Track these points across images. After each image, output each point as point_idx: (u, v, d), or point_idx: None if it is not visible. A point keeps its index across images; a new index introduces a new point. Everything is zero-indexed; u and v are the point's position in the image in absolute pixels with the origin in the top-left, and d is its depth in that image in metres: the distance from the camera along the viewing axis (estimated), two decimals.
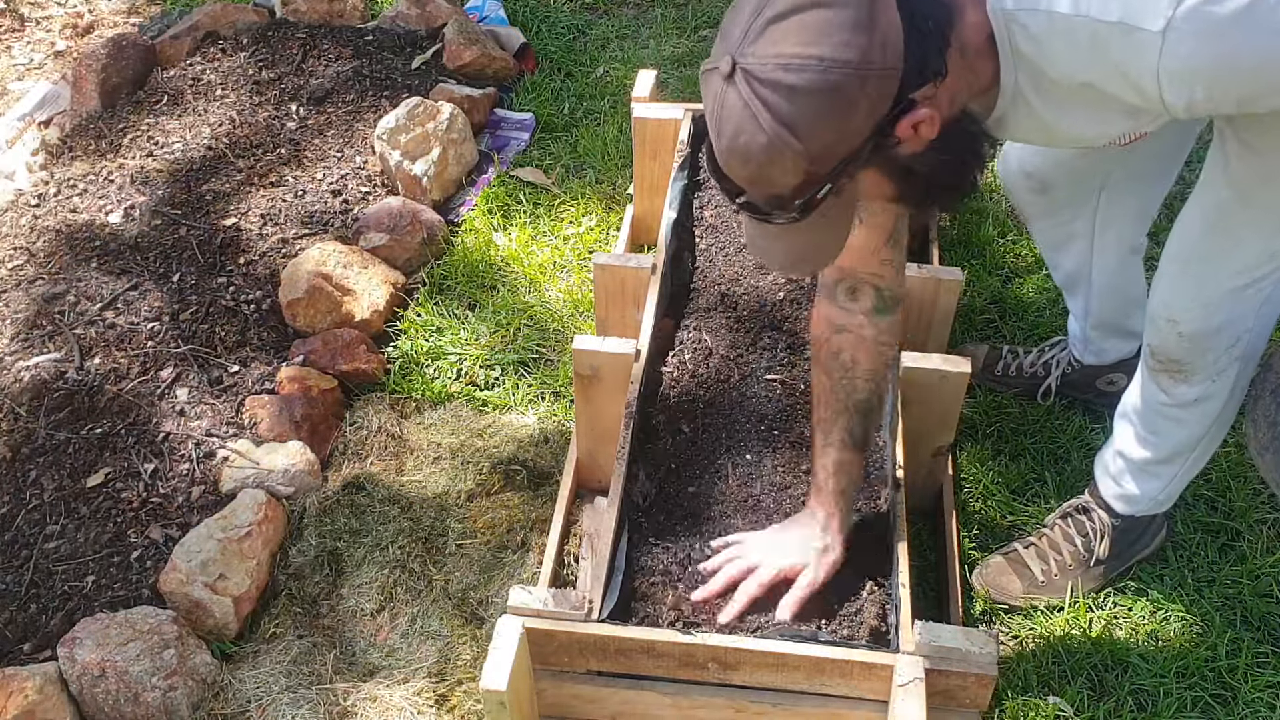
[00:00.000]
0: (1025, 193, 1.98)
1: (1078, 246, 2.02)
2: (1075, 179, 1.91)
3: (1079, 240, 2.01)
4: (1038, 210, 2.01)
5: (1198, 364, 1.63)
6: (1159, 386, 1.70)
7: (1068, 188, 1.92)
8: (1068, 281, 2.12)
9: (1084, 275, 2.07)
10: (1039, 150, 1.91)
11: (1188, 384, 1.66)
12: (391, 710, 1.86)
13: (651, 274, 2.08)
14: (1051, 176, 1.92)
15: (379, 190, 2.86)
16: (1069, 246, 2.04)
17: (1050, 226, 2.03)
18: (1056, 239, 2.05)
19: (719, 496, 1.78)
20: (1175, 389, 1.68)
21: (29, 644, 1.94)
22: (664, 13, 3.61)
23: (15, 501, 2.13)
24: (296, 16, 3.45)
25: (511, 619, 1.54)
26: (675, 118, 2.45)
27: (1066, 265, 2.08)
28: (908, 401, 1.88)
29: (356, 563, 2.09)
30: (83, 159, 2.95)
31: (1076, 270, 2.07)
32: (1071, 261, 2.07)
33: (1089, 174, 1.89)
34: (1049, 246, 2.09)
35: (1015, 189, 2.00)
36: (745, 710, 1.57)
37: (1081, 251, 2.03)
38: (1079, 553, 1.96)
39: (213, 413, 2.29)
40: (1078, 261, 2.05)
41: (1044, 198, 1.96)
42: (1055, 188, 1.93)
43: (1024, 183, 1.96)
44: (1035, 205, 2.00)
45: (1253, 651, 1.89)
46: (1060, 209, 1.97)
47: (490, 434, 2.32)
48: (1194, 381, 1.66)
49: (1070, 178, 1.91)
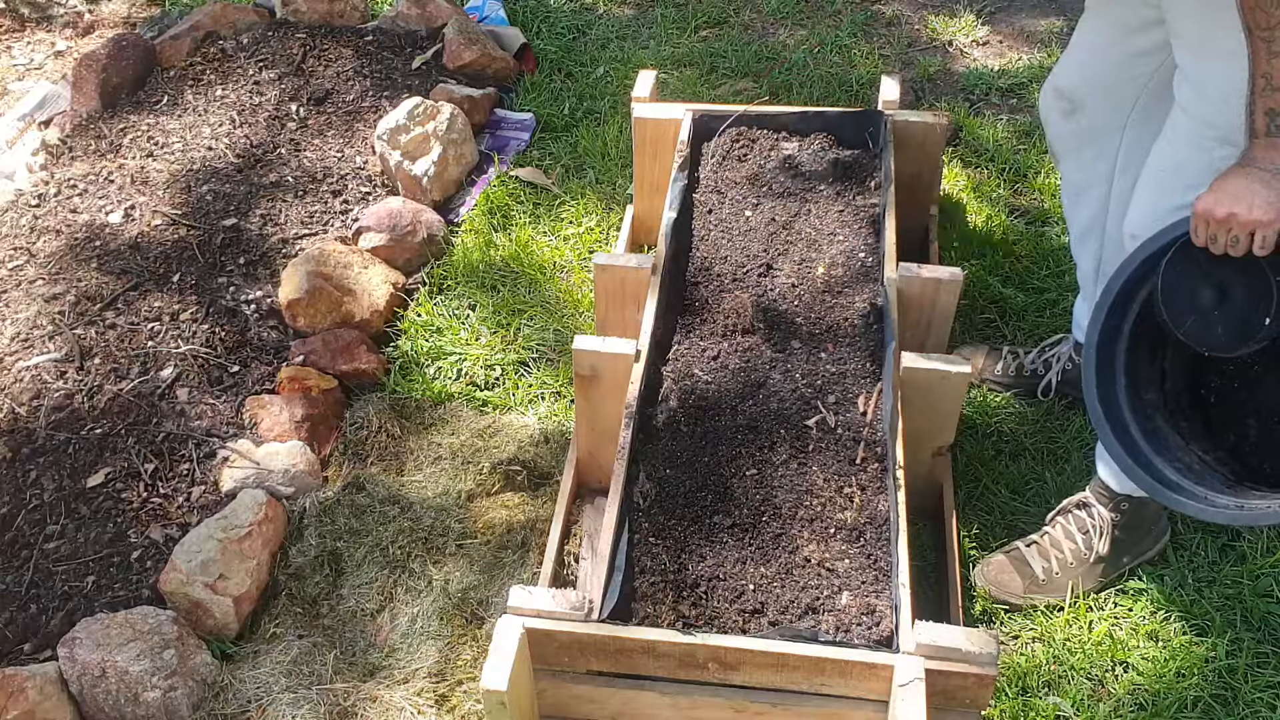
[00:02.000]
0: (1058, 116, 2.04)
1: (1097, 192, 2.07)
2: (1104, 101, 1.96)
3: (1099, 185, 2.06)
4: (1067, 142, 2.06)
5: None
6: None
7: (1096, 112, 1.98)
8: (1083, 235, 2.15)
9: (1098, 225, 2.10)
10: (1070, 66, 1.99)
11: None
12: (391, 710, 1.86)
13: (651, 274, 2.08)
14: (1081, 94, 1.98)
15: (379, 190, 2.86)
16: (1089, 193, 2.08)
17: (1076, 167, 2.08)
18: (1080, 183, 2.09)
19: (719, 496, 1.78)
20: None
21: (29, 644, 1.94)
22: (664, 13, 3.61)
23: (15, 501, 2.13)
24: (296, 16, 3.45)
25: (512, 619, 1.54)
26: (675, 118, 2.45)
27: (1083, 215, 2.12)
28: (908, 401, 1.89)
29: (356, 563, 2.09)
30: (83, 159, 2.95)
31: (1092, 220, 2.11)
32: (1088, 210, 2.10)
33: (1116, 99, 1.94)
34: (1072, 192, 2.13)
35: (1048, 114, 2.07)
36: (745, 710, 1.57)
37: (1099, 198, 2.07)
38: (1080, 550, 1.97)
39: (213, 413, 2.29)
40: (1094, 210, 2.09)
41: (1073, 122, 2.01)
42: (1084, 109, 1.99)
43: (1056, 104, 2.03)
44: (1065, 134, 2.05)
45: (1253, 651, 1.89)
46: (1086, 141, 2.02)
47: (490, 434, 2.32)
48: None
49: (1098, 99, 1.96)
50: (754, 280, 2.14)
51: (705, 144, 2.45)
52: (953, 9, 3.58)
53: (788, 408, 1.89)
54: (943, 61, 3.37)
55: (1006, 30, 3.51)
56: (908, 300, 2.04)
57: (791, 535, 1.71)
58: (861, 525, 1.72)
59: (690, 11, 3.62)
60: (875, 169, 2.32)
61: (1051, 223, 2.74)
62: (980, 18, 3.54)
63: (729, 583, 1.65)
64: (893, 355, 1.89)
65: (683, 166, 2.31)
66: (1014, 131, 3.05)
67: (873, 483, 1.78)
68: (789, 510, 1.74)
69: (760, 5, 3.64)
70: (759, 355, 1.99)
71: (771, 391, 1.92)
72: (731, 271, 2.16)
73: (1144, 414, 1.71)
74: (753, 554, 1.69)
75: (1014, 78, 3.25)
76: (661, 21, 3.57)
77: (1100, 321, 1.68)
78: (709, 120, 2.46)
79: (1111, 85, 1.93)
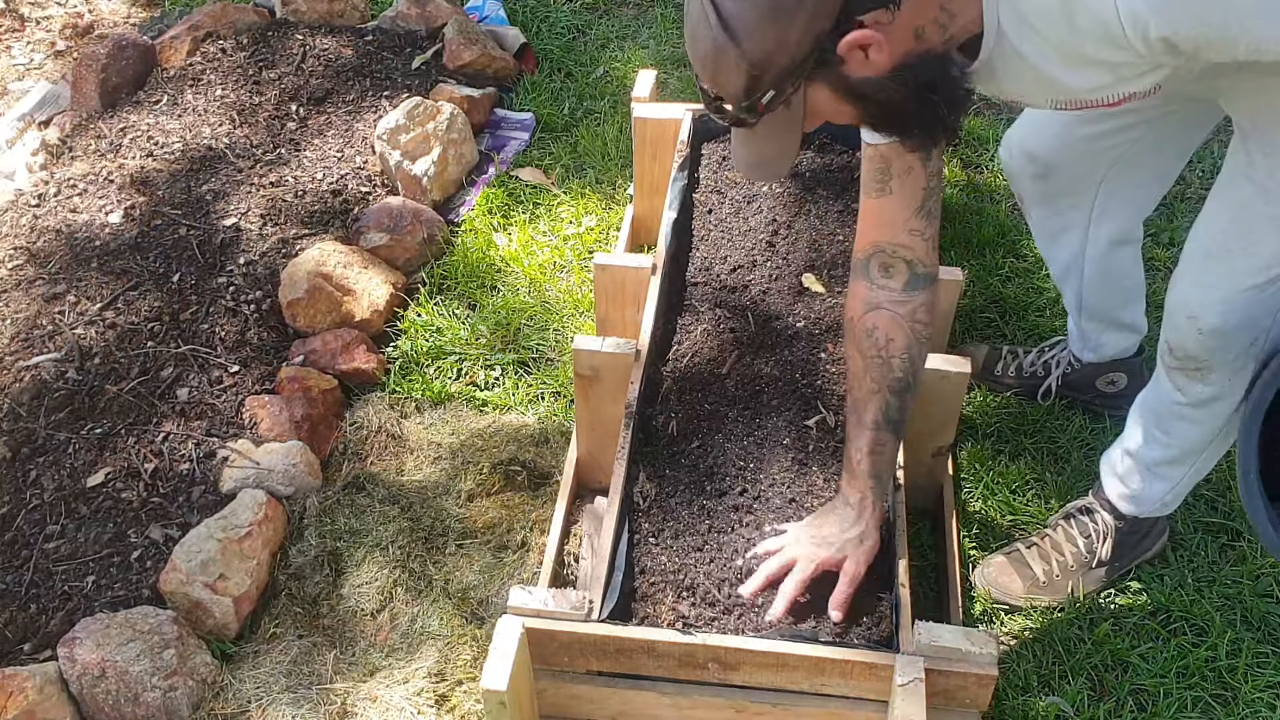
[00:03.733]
0: (1027, 178, 1.98)
1: (1072, 238, 2.03)
2: (1077, 167, 1.90)
3: (1074, 231, 2.01)
4: (1036, 197, 2.01)
5: (1215, 362, 1.63)
6: (1174, 385, 1.70)
7: (1069, 176, 1.92)
8: (1062, 274, 2.12)
9: (1076, 265, 2.07)
10: (1043, 131, 1.91)
11: (1203, 382, 1.66)
12: (391, 710, 1.86)
13: (651, 274, 2.08)
14: (1054, 161, 1.91)
15: (379, 190, 2.86)
16: (1063, 238, 2.04)
17: (1047, 215, 2.03)
18: (1052, 229, 2.05)
19: (719, 496, 1.78)
20: (1191, 387, 1.68)
21: (29, 644, 1.94)
22: (664, 13, 3.61)
23: (15, 501, 2.13)
24: (296, 16, 3.45)
25: (511, 619, 1.54)
26: (675, 118, 2.45)
27: (1061, 257, 2.09)
28: None
29: (356, 563, 2.09)
30: (83, 159, 2.95)
31: (1071, 260, 2.07)
32: (1065, 253, 2.07)
33: (1091, 164, 1.89)
34: (1045, 237, 2.09)
35: (1017, 174, 2.00)
36: (745, 710, 1.57)
37: (1075, 243, 2.03)
38: (1081, 554, 1.97)
39: (213, 413, 2.29)
40: (1071, 253, 2.05)
41: (1045, 184, 1.96)
42: (1057, 174, 1.93)
43: (1026, 167, 1.96)
44: (1035, 192, 2.00)
45: (1253, 651, 1.89)
46: (1059, 197, 1.97)
47: (490, 434, 2.32)
48: (1210, 380, 1.65)
49: (1072, 165, 1.90)
50: (754, 280, 2.14)
51: (705, 144, 2.46)
52: None
53: (788, 408, 1.89)
54: None
55: None
56: None
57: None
58: None
59: None
60: None
61: None
62: None
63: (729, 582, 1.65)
64: None
65: (683, 166, 2.31)
66: None
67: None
68: (790, 510, 1.74)
69: None
70: (758, 355, 1.99)
71: (771, 392, 1.92)
72: (731, 271, 2.16)
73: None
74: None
75: None
76: (661, 21, 3.57)
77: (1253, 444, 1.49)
78: (709, 120, 2.46)
79: (1089, 153, 1.86)
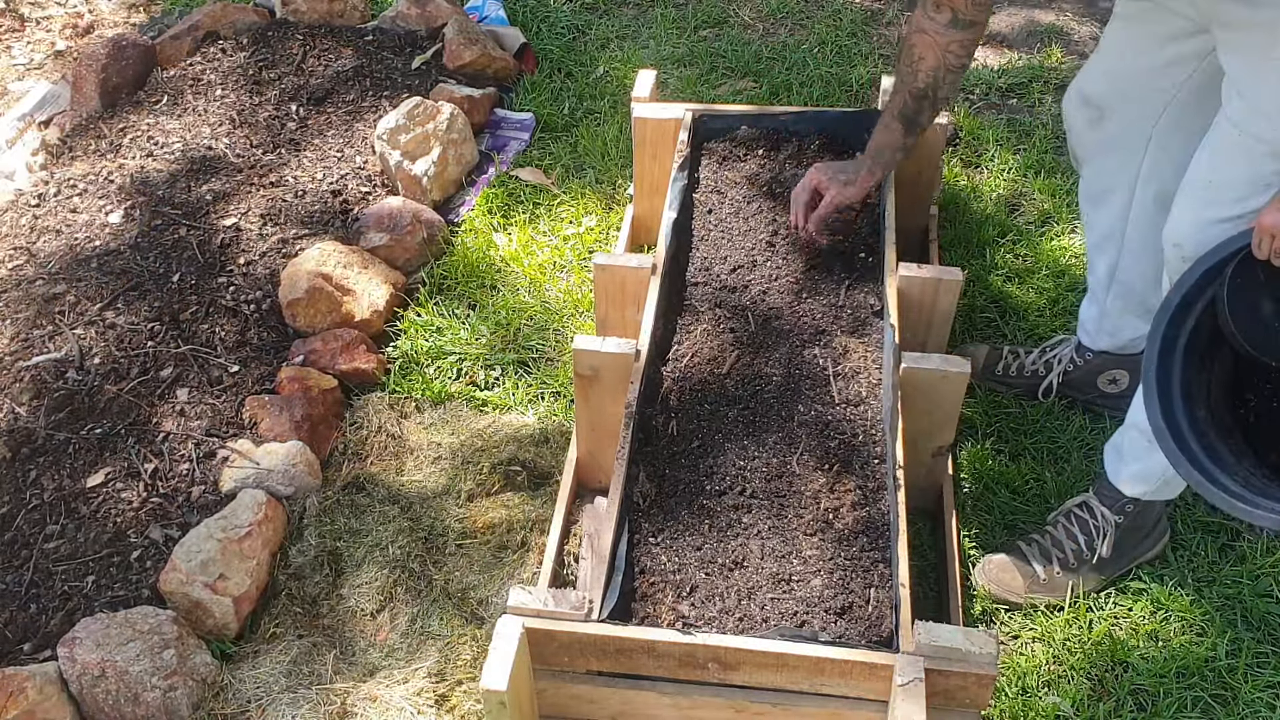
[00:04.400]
0: (1083, 123, 2.02)
1: (1118, 199, 2.05)
2: (1130, 111, 1.94)
3: (1120, 192, 2.04)
4: (1090, 149, 2.04)
5: None
6: None
7: (1122, 122, 1.96)
8: (1100, 241, 2.13)
9: (1117, 232, 2.08)
10: (1100, 75, 1.97)
11: None
12: (391, 710, 1.86)
13: (651, 274, 2.08)
14: (1109, 104, 1.96)
15: (379, 190, 2.86)
16: (1109, 199, 2.06)
17: (1097, 173, 2.06)
18: (1099, 188, 2.07)
19: (719, 496, 1.78)
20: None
21: (29, 644, 1.94)
22: (664, 13, 3.61)
23: (15, 501, 2.13)
24: (296, 16, 3.45)
25: (511, 619, 1.54)
26: (675, 118, 2.45)
27: (1103, 222, 2.10)
28: (908, 401, 1.88)
29: (356, 563, 2.09)
30: (83, 159, 2.95)
31: (1110, 227, 2.09)
32: (1108, 218, 2.08)
33: (1142, 109, 1.93)
34: (1090, 198, 2.11)
35: (1073, 120, 2.05)
36: (745, 710, 1.57)
37: (1120, 205, 2.05)
38: (1081, 551, 1.97)
39: (213, 413, 2.29)
40: (1114, 217, 2.07)
41: (1099, 131, 2.00)
42: (1111, 117, 1.97)
43: (1082, 112, 2.01)
44: (1089, 141, 2.03)
45: (1253, 651, 1.89)
46: (1111, 149, 2.01)
47: (490, 434, 2.32)
48: None
49: (1126, 109, 1.95)
50: (754, 280, 2.14)
51: (705, 144, 2.46)
52: None
53: (787, 408, 1.89)
54: None
55: (1006, 30, 3.51)
56: (908, 300, 2.04)
57: (792, 534, 1.71)
58: (861, 525, 1.72)
59: (690, 11, 3.62)
60: None
61: (1051, 222, 2.74)
62: None
63: (730, 582, 1.65)
64: (892, 355, 1.89)
65: (683, 166, 2.31)
66: (1014, 131, 3.05)
67: (872, 482, 1.78)
68: (789, 510, 1.74)
69: (760, 5, 3.64)
70: (758, 355, 1.99)
71: (771, 391, 1.92)
72: (731, 271, 2.16)
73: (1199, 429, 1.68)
74: (753, 553, 1.69)
75: (1014, 77, 3.25)
76: (661, 21, 3.57)
77: (1160, 334, 1.66)
78: (709, 120, 2.46)
79: (1140, 94, 1.91)
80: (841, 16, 3.55)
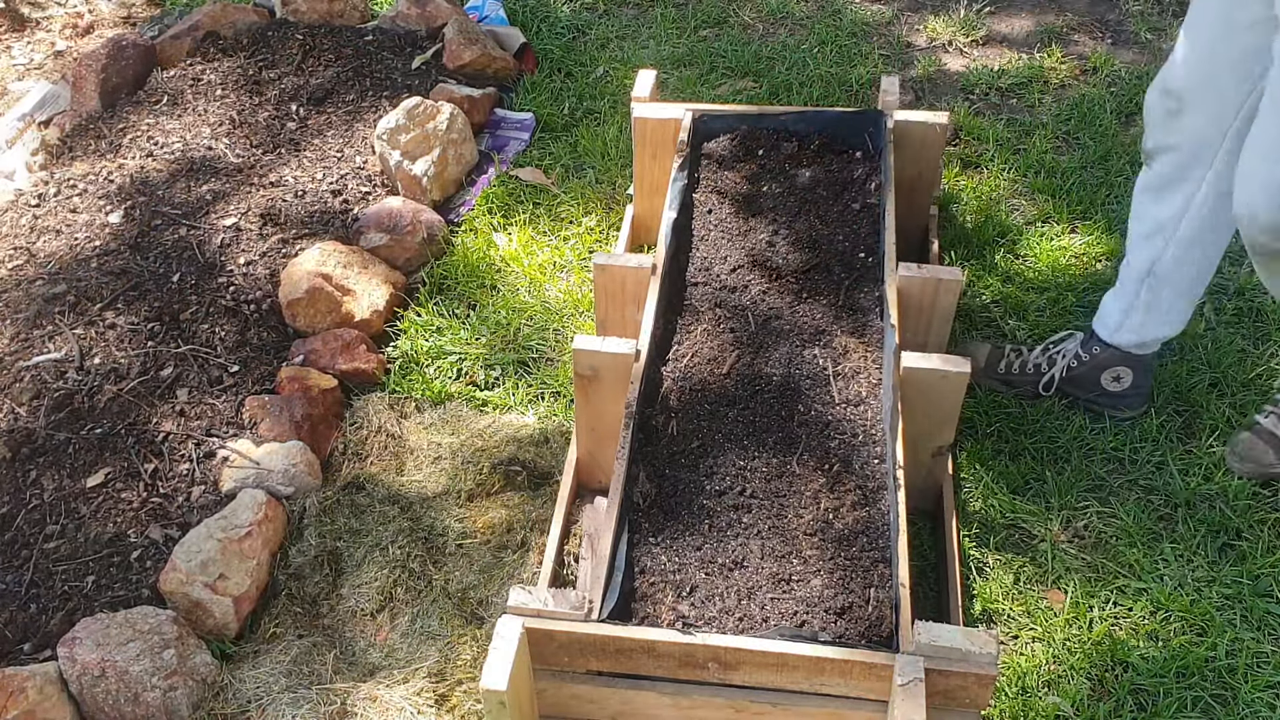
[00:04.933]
0: (1162, 114, 2.00)
1: (1182, 193, 2.04)
2: (1210, 105, 1.93)
3: (1186, 186, 2.03)
4: (1166, 141, 2.02)
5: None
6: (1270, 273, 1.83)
7: (1202, 113, 1.95)
8: (1149, 232, 2.12)
9: (1170, 226, 2.07)
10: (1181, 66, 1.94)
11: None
12: (391, 710, 1.86)
13: (651, 274, 2.08)
14: (1189, 94, 1.94)
15: (379, 190, 2.86)
16: (1174, 192, 2.05)
17: (1168, 165, 2.04)
18: (1164, 180, 2.06)
19: (719, 496, 1.78)
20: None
21: (29, 644, 1.94)
22: (664, 13, 3.61)
23: (15, 501, 2.13)
24: (296, 16, 3.45)
25: (511, 619, 1.54)
26: (675, 118, 2.46)
27: (1160, 213, 2.09)
28: (908, 401, 1.88)
29: (356, 563, 2.09)
30: (83, 159, 2.95)
31: (1166, 220, 2.08)
32: (1167, 210, 2.07)
33: (1224, 100, 1.92)
34: (1153, 190, 2.09)
35: (1153, 111, 2.03)
36: (745, 710, 1.57)
37: (1184, 198, 2.04)
38: None
39: (213, 413, 2.29)
40: (1174, 209, 2.06)
41: (1176, 121, 1.98)
42: (1190, 110, 1.95)
43: (1162, 103, 1.99)
44: (1165, 132, 2.01)
45: (1253, 651, 1.89)
46: (1186, 142, 1.99)
47: (490, 434, 2.33)
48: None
49: (1205, 102, 1.93)
50: (754, 280, 2.14)
51: (705, 144, 2.46)
52: (953, 9, 3.58)
53: (787, 408, 1.89)
54: (943, 61, 3.37)
55: (1006, 30, 3.51)
56: (908, 300, 2.04)
57: (792, 534, 1.71)
58: (861, 525, 1.72)
59: (690, 11, 3.62)
60: (875, 169, 2.32)
61: (1051, 222, 2.75)
62: (980, 17, 3.54)
63: (730, 582, 1.65)
64: (892, 355, 1.89)
65: (683, 166, 2.31)
66: (1014, 131, 3.05)
67: (872, 482, 1.78)
68: (789, 510, 1.74)
69: (760, 5, 3.64)
70: (758, 355, 1.99)
71: (771, 391, 1.92)
72: (731, 271, 2.16)
73: None
74: (753, 553, 1.69)
75: (1014, 78, 3.25)
76: (661, 21, 3.57)
77: None
78: (709, 120, 2.46)
79: (1220, 87, 1.91)
80: (841, 16, 3.55)
